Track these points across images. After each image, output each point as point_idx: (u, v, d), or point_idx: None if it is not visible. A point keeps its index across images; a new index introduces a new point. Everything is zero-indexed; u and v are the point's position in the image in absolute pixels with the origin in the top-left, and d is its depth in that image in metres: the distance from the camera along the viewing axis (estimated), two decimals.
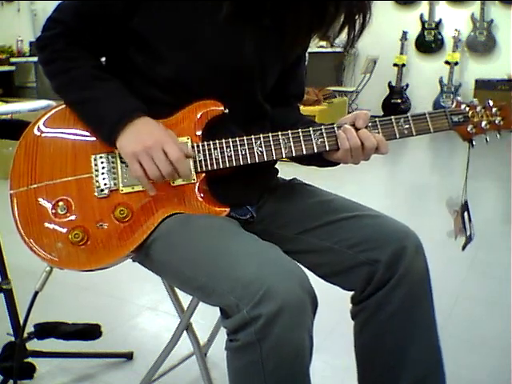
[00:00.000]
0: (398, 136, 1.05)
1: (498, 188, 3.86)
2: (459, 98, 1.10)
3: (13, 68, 6.65)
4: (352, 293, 1.11)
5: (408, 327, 1.05)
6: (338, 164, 1.11)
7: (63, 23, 1.04)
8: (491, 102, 1.08)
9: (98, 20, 1.03)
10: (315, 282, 0.97)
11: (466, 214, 1.15)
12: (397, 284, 1.03)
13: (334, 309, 1.59)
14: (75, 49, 1.05)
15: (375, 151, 1.04)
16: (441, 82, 6.30)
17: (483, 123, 1.07)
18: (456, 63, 6.36)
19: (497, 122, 1.08)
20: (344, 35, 1.03)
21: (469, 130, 1.07)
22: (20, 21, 7.19)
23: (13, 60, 6.69)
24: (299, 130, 1.04)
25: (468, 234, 1.15)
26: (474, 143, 1.08)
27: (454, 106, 1.08)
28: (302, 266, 1.05)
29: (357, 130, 1.03)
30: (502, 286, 2.19)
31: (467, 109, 1.07)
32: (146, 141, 0.97)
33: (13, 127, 1.31)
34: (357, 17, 1.00)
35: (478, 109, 1.08)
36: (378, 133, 1.04)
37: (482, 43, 6.35)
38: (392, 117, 1.05)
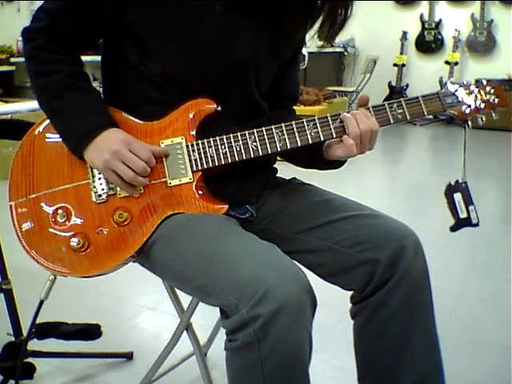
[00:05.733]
0: (392, 121, 1.05)
1: (497, 188, 3.86)
2: (452, 80, 1.08)
3: (13, 68, 6.64)
4: (352, 292, 1.12)
5: (408, 327, 1.05)
6: (339, 167, 1.12)
7: (51, 14, 1.03)
8: (484, 81, 1.07)
9: (86, 13, 1.03)
10: (315, 281, 0.97)
11: (459, 195, 1.13)
12: (396, 284, 1.03)
13: (333, 308, 1.59)
14: (55, 48, 1.04)
15: None
16: (441, 82, 6.29)
17: (478, 103, 1.05)
18: (456, 63, 6.36)
19: (491, 100, 1.06)
20: (344, 35, 1.04)
21: (463, 110, 1.05)
22: (20, 21, 7.17)
23: (13, 60, 6.68)
24: (293, 123, 1.04)
25: (463, 216, 1.12)
26: (469, 124, 1.06)
27: (447, 87, 1.07)
28: (301, 266, 1.06)
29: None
30: (502, 285, 2.19)
31: (460, 89, 1.06)
32: (111, 146, 0.99)
33: (13, 127, 1.31)
34: (339, 11, 1.01)
35: (472, 88, 1.06)
36: None
37: (482, 43, 6.35)
38: (385, 102, 1.05)
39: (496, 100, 1.06)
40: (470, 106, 1.06)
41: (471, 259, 2.47)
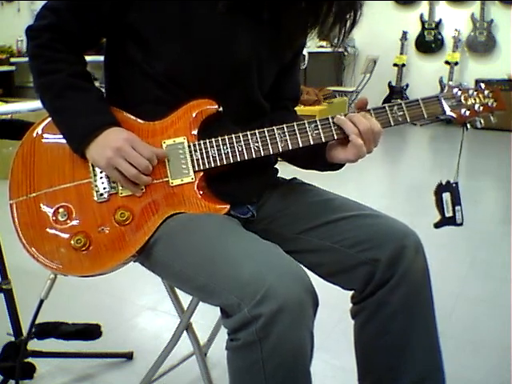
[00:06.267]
0: (392, 123, 1.06)
1: (497, 188, 3.86)
2: (451, 83, 1.10)
3: (13, 68, 6.66)
4: (352, 292, 1.12)
5: (408, 327, 1.05)
6: (340, 168, 1.12)
7: (56, 12, 1.03)
8: (483, 85, 1.09)
9: (87, 12, 1.03)
10: (315, 281, 0.97)
11: (448, 194, 1.15)
12: (397, 283, 1.03)
13: (334, 308, 1.59)
14: (59, 47, 1.04)
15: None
16: (441, 82, 6.30)
17: (476, 106, 1.07)
18: (456, 63, 6.36)
19: (490, 104, 1.08)
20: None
21: (462, 112, 1.07)
22: (20, 21, 7.17)
23: (13, 60, 6.69)
24: (294, 124, 1.04)
25: (448, 215, 1.15)
26: (468, 127, 1.09)
27: (446, 90, 1.08)
28: (302, 266, 1.06)
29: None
30: (502, 286, 2.19)
31: (459, 93, 1.08)
32: (114, 144, 0.99)
33: (13, 127, 1.31)
34: (348, 15, 1.01)
35: (470, 92, 1.08)
36: None
37: (482, 43, 6.35)
38: (385, 105, 1.06)
39: (494, 104, 1.09)
40: (468, 109, 1.07)
41: (471, 259, 2.47)
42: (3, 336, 1.51)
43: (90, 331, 1.62)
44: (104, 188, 1.05)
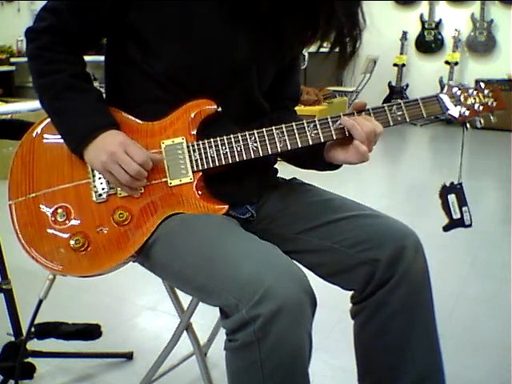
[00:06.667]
0: (391, 123, 1.05)
1: (497, 188, 3.86)
2: (451, 82, 1.10)
3: (13, 68, 6.67)
4: (352, 292, 1.12)
5: (408, 327, 1.05)
6: (338, 168, 1.12)
7: (56, 14, 1.03)
8: (483, 85, 1.08)
9: (87, 12, 1.03)
10: (315, 281, 0.97)
11: (453, 196, 1.15)
12: (397, 284, 1.03)
13: (333, 308, 1.59)
14: (59, 49, 1.04)
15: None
16: (441, 82, 6.29)
17: (476, 105, 1.07)
18: (456, 63, 6.36)
19: (489, 103, 1.08)
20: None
21: (462, 112, 1.07)
22: (20, 21, 7.17)
23: (13, 60, 6.70)
24: (293, 124, 1.04)
25: (456, 217, 1.14)
26: (467, 126, 1.08)
27: (445, 90, 1.08)
28: (301, 266, 1.06)
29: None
30: (502, 285, 2.19)
31: (459, 92, 1.07)
32: (108, 148, 0.99)
33: (13, 127, 1.31)
34: (347, 39, 1.01)
35: (470, 91, 1.08)
36: None
37: (482, 43, 6.35)
38: (384, 105, 1.06)
39: (494, 103, 1.08)
40: (468, 109, 1.07)
41: (471, 259, 2.46)
42: (3, 336, 1.51)
43: (90, 331, 1.62)
44: (103, 188, 1.05)
